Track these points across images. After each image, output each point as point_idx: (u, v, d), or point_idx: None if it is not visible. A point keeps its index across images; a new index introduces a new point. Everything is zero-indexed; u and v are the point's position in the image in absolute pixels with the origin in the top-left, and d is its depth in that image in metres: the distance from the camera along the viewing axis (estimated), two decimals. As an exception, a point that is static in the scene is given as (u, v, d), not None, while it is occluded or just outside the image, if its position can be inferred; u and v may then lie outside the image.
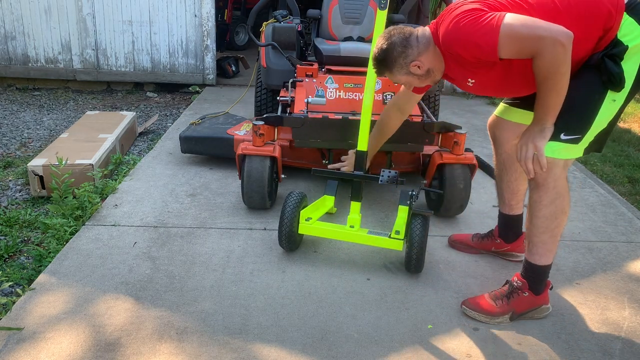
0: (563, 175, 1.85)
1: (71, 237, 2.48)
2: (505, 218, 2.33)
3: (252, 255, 2.38)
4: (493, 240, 2.40)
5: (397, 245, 2.21)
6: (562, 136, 1.78)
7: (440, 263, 2.37)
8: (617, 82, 1.73)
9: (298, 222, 2.31)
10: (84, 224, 2.60)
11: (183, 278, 2.18)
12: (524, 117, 2.07)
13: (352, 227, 2.32)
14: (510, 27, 1.63)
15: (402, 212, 2.28)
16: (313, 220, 2.34)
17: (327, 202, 2.57)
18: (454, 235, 2.52)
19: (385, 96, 3.22)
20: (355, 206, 2.37)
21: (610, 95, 1.76)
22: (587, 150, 1.86)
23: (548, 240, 1.91)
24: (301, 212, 2.33)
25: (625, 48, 1.72)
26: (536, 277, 1.97)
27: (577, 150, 1.82)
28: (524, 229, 2.16)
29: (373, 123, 2.77)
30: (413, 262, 2.18)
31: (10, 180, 3.39)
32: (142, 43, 5.83)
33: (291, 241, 2.32)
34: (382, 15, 2.22)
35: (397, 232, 2.21)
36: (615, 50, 1.75)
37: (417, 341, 1.86)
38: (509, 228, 2.34)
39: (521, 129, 1.91)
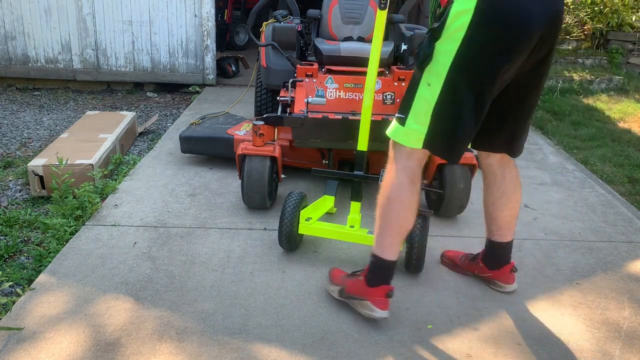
0: (408, 166, 1.79)
1: (71, 237, 2.48)
2: (487, 242, 2.16)
3: (252, 255, 2.38)
4: (477, 264, 2.22)
5: None
6: (397, 114, 1.79)
7: (441, 263, 2.37)
8: (421, 61, 1.68)
9: (298, 222, 2.30)
10: (84, 224, 2.60)
11: (183, 278, 2.18)
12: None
13: (352, 227, 2.32)
14: None
15: None
16: (313, 220, 2.34)
17: (327, 202, 2.57)
18: (446, 251, 2.40)
19: (385, 96, 3.22)
20: (355, 206, 2.37)
21: (425, 77, 1.70)
22: (429, 146, 1.75)
23: (385, 230, 1.85)
24: (301, 212, 2.33)
25: (442, 26, 1.64)
26: (372, 266, 1.91)
27: (411, 138, 1.75)
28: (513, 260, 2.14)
29: (373, 123, 2.77)
30: (413, 262, 2.18)
31: (10, 180, 3.39)
32: (142, 43, 5.83)
33: (291, 241, 2.32)
34: (382, 16, 2.22)
35: None
36: (436, 25, 1.68)
37: (417, 341, 1.86)
38: (490, 254, 2.15)
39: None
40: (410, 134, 1.75)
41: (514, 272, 2.12)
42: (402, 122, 1.76)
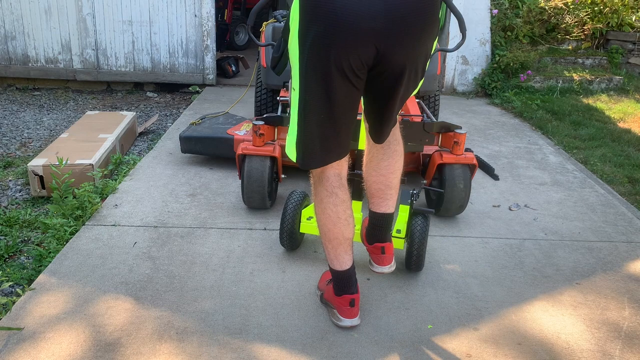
0: (322, 177, 1.75)
1: (71, 237, 2.48)
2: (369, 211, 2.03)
3: (252, 255, 2.38)
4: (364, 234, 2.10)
5: (398, 244, 2.21)
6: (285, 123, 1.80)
7: (440, 263, 2.37)
8: (272, 66, 1.66)
9: (299, 221, 2.31)
10: (84, 224, 2.60)
11: (183, 278, 2.18)
12: None
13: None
14: None
15: (403, 211, 2.28)
16: (314, 219, 2.33)
17: None
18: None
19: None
20: (356, 205, 2.37)
21: (292, 81, 1.66)
22: (303, 161, 1.70)
23: (324, 243, 1.84)
24: (303, 211, 2.33)
25: (287, 23, 1.61)
26: (332, 277, 1.89)
27: (290, 150, 1.72)
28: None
29: None
30: (413, 259, 2.18)
31: (10, 180, 3.39)
32: (142, 43, 5.83)
33: (292, 240, 2.33)
34: None
35: (399, 231, 2.21)
36: (285, 24, 1.63)
37: (417, 341, 1.86)
38: (369, 225, 2.03)
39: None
40: (290, 146, 1.72)
41: (385, 254, 1.96)
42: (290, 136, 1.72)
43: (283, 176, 2.89)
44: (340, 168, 1.76)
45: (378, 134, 1.83)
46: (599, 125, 4.85)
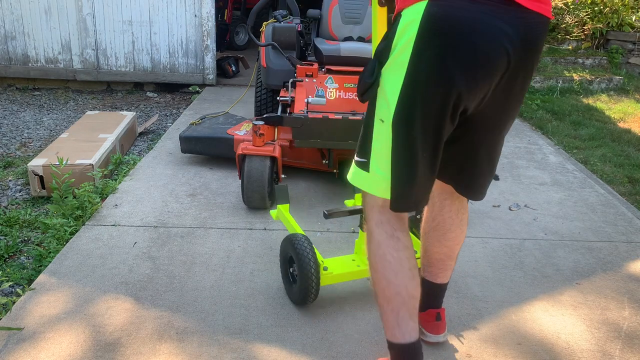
0: (383, 220, 1.45)
1: (71, 237, 2.48)
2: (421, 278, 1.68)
3: (252, 255, 2.38)
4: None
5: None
6: (355, 157, 1.47)
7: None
8: (361, 92, 1.39)
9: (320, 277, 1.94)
10: (84, 224, 2.60)
11: (183, 278, 2.18)
12: None
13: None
14: None
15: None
16: (330, 267, 1.99)
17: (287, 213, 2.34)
18: None
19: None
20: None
21: (377, 111, 1.38)
22: (396, 197, 1.39)
23: (383, 306, 1.47)
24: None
25: (388, 46, 1.32)
26: (392, 353, 1.51)
27: (379, 186, 1.41)
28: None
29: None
30: None
31: (10, 180, 3.39)
32: (142, 43, 5.83)
33: (317, 294, 1.97)
34: (382, 14, 2.21)
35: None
36: (381, 46, 1.35)
37: (417, 341, 1.85)
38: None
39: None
40: (377, 181, 1.42)
41: (440, 320, 1.78)
42: (365, 167, 1.43)
43: (283, 176, 2.89)
44: (404, 217, 1.49)
45: (477, 188, 1.55)
46: (599, 125, 4.85)
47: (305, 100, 2.91)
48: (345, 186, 2.89)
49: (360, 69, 3.28)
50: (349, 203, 2.37)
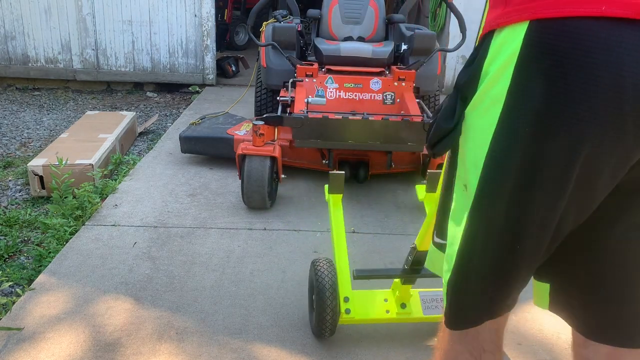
0: (452, 346, 1.00)
1: (71, 237, 2.48)
2: None
3: (252, 255, 2.38)
4: None
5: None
6: (435, 237, 1.10)
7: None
8: (432, 142, 0.95)
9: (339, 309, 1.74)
10: (84, 224, 2.60)
11: (183, 278, 2.18)
12: None
13: (403, 306, 1.78)
14: None
15: None
16: (354, 310, 1.74)
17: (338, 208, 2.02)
18: None
19: (385, 96, 3.22)
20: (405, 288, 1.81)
21: (459, 173, 0.94)
22: (455, 314, 0.99)
23: None
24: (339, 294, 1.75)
25: (474, 77, 0.87)
26: None
27: (440, 265, 1.05)
28: None
29: (373, 123, 2.76)
30: None
31: (10, 180, 3.39)
32: (142, 43, 5.83)
33: (334, 328, 1.79)
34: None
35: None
36: (464, 78, 0.89)
37: (417, 341, 1.85)
38: None
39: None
40: (441, 263, 1.04)
41: None
42: (443, 249, 1.03)
43: (283, 176, 2.89)
44: (501, 321, 1.00)
45: (626, 322, 0.95)
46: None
47: (305, 100, 2.91)
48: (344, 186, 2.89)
49: (361, 68, 3.28)
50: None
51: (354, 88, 3.17)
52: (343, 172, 2.02)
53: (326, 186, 2.03)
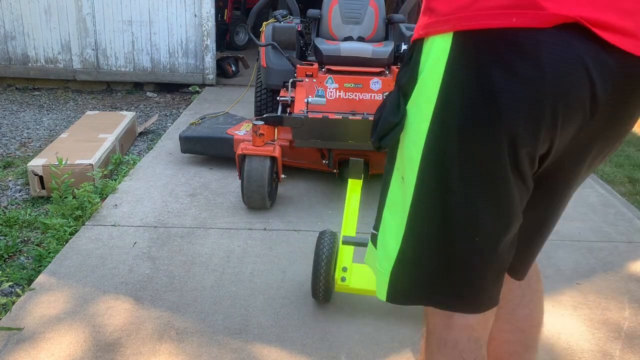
0: (449, 339, 1.04)
1: (71, 237, 2.48)
2: None
3: (252, 255, 2.38)
4: None
5: None
6: (372, 228, 1.13)
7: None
8: (380, 136, 1.01)
9: (334, 274, 1.91)
10: (83, 224, 2.60)
11: (183, 278, 2.18)
12: None
13: None
14: None
15: None
16: (349, 278, 1.92)
17: (355, 193, 2.22)
18: None
19: (385, 96, 3.21)
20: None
21: (397, 165, 1.03)
22: (394, 289, 1.04)
23: None
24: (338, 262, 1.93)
25: (411, 75, 0.95)
26: None
27: (379, 274, 1.07)
28: None
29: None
30: None
31: (10, 180, 3.39)
32: (142, 43, 5.83)
33: (328, 295, 1.96)
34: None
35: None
36: (403, 75, 0.98)
37: (418, 341, 1.85)
38: None
39: None
40: (383, 263, 1.06)
41: None
42: (374, 241, 1.10)
43: (283, 176, 2.89)
44: (479, 331, 1.04)
45: (523, 261, 1.16)
46: (599, 125, 4.85)
47: (305, 100, 2.91)
48: (345, 186, 2.89)
49: (361, 68, 3.28)
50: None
51: (354, 88, 3.17)
52: (362, 159, 2.28)
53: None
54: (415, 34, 0.97)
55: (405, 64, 1.00)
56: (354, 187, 2.26)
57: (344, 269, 1.90)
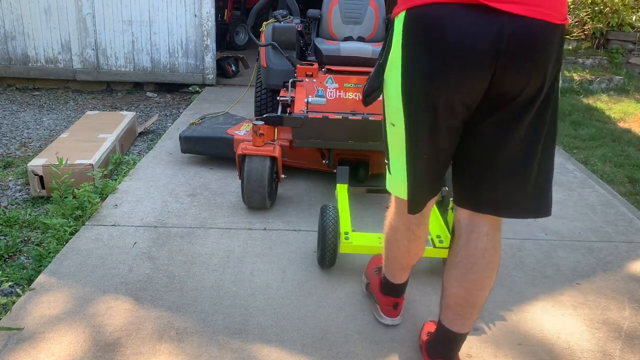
0: (405, 213, 1.55)
1: (71, 237, 2.48)
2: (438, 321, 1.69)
3: (252, 255, 2.38)
4: (423, 344, 1.76)
5: (442, 253, 2.13)
6: (385, 159, 1.57)
7: (441, 263, 2.36)
8: (365, 95, 1.54)
9: (339, 240, 2.17)
10: (84, 224, 2.60)
11: (183, 278, 2.18)
12: None
13: None
14: None
15: (436, 215, 2.23)
16: (352, 238, 2.18)
17: (343, 193, 2.53)
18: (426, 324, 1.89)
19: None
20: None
21: (387, 116, 1.47)
22: (412, 205, 1.49)
23: (386, 262, 1.81)
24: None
25: (386, 51, 1.42)
26: (382, 278, 1.90)
27: (399, 188, 1.51)
28: None
29: (373, 123, 2.77)
30: None
31: (10, 180, 3.39)
32: (142, 43, 5.83)
33: (334, 260, 2.22)
34: None
35: (441, 241, 2.15)
36: (381, 53, 1.45)
37: (418, 341, 1.85)
38: (434, 338, 1.70)
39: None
40: (396, 182, 1.51)
41: None
42: (388, 169, 1.55)
43: (283, 176, 2.89)
44: (414, 223, 1.63)
45: (505, 200, 1.44)
46: (599, 125, 4.85)
47: (305, 100, 2.91)
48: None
49: (361, 69, 3.28)
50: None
51: (354, 88, 3.17)
52: (347, 167, 2.61)
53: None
54: (391, 17, 1.37)
55: (383, 42, 1.43)
56: (341, 191, 2.55)
57: (346, 233, 2.18)
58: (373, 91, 1.50)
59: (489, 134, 1.37)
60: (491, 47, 1.22)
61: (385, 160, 1.56)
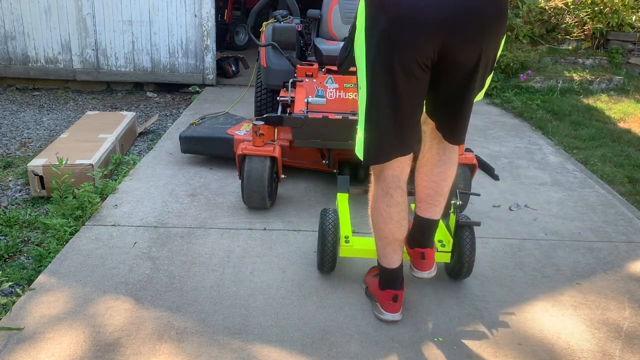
0: (381, 177, 1.80)
1: (71, 237, 2.48)
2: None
3: (252, 255, 2.38)
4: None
5: (444, 257, 2.13)
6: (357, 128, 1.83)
7: (441, 267, 2.37)
8: (338, 64, 1.89)
9: (339, 245, 2.15)
10: (84, 224, 2.60)
11: (183, 278, 2.18)
12: None
13: None
14: None
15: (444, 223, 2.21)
16: (352, 241, 2.17)
17: (344, 201, 2.47)
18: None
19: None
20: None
21: (358, 80, 1.74)
22: (366, 156, 1.77)
23: (376, 240, 1.91)
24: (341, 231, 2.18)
25: (353, 25, 1.75)
26: (379, 271, 1.96)
27: (359, 147, 1.80)
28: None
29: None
30: (464, 272, 2.14)
31: (10, 180, 3.39)
32: (142, 43, 5.83)
33: (334, 265, 2.19)
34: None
35: (442, 245, 2.15)
36: (351, 28, 1.79)
37: (417, 341, 1.85)
38: (413, 228, 2.01)
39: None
40: (359, 142, 1.77)
41: (424, 260, 1.97)
42: (357, 131, 1.79)
43: (283, 176, 2.89)
44: (399, 170, 1.79)
45: (453, 133, 1.83)
46: (599, 125, 4.85)
47: (305, 100, 2.91)
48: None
49: None
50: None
51: (354, 88, 3.17)
52: (348, 175, 2.58)
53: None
54: None
55: (354, 16, 1.71)
56: (342, 200, 2.49)
57: (346, 237, 2.17)
58: (344, 60, 1.84)
59: (446, 90, 1.71)
60: (439, 16, 1.52)
61: (357, 127, 1.77)
